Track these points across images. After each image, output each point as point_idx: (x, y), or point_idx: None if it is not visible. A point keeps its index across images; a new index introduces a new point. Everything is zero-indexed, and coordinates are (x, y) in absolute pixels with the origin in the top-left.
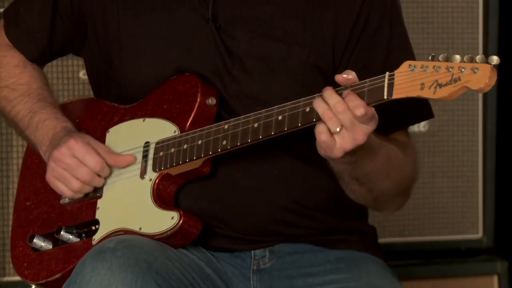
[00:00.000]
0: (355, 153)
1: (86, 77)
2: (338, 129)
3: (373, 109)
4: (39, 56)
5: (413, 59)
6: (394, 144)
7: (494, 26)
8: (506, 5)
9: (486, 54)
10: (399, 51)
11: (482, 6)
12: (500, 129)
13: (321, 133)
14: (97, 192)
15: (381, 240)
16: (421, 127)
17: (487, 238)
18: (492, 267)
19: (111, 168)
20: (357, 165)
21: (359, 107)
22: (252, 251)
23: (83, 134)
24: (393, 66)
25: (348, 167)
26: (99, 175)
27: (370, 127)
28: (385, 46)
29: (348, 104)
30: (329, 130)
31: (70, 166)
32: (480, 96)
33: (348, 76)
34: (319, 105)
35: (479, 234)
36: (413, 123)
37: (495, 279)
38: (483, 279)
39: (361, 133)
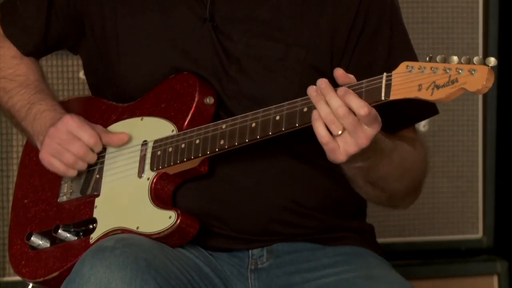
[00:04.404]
0: (369, 159)
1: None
2: (339, 132)
3: (375, 110)
4: (34, 50)
5: (415, 57)
6: (405, 141)
7: (494, 26)
8: (506, 5)
9: (486, 55)
10: (401, 49)
11: (482, 6)
12: (500, 129)
13: (322, 136)
14: (94, 190)
15: (381, 240)
16: (421, 127)
17: (487, 238)
18: (492, 267)
19: (105, 150)
20: (371, 169)
21: (363, 107)
22: (250, 251)
23: (80, 116)
24: (395, 64)
25: (361, 172)
26: (92, 151)
27: (373, 130)
28: (386, 45)
29: (350, 104)
30: (330, 133)
31: (64, 140)
32: (480, 96)
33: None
34: (320, 109)
35: (479, 234)
36: (419, 120)
37: (495, 279)
38: (483, 279)
39: (363, 137)
